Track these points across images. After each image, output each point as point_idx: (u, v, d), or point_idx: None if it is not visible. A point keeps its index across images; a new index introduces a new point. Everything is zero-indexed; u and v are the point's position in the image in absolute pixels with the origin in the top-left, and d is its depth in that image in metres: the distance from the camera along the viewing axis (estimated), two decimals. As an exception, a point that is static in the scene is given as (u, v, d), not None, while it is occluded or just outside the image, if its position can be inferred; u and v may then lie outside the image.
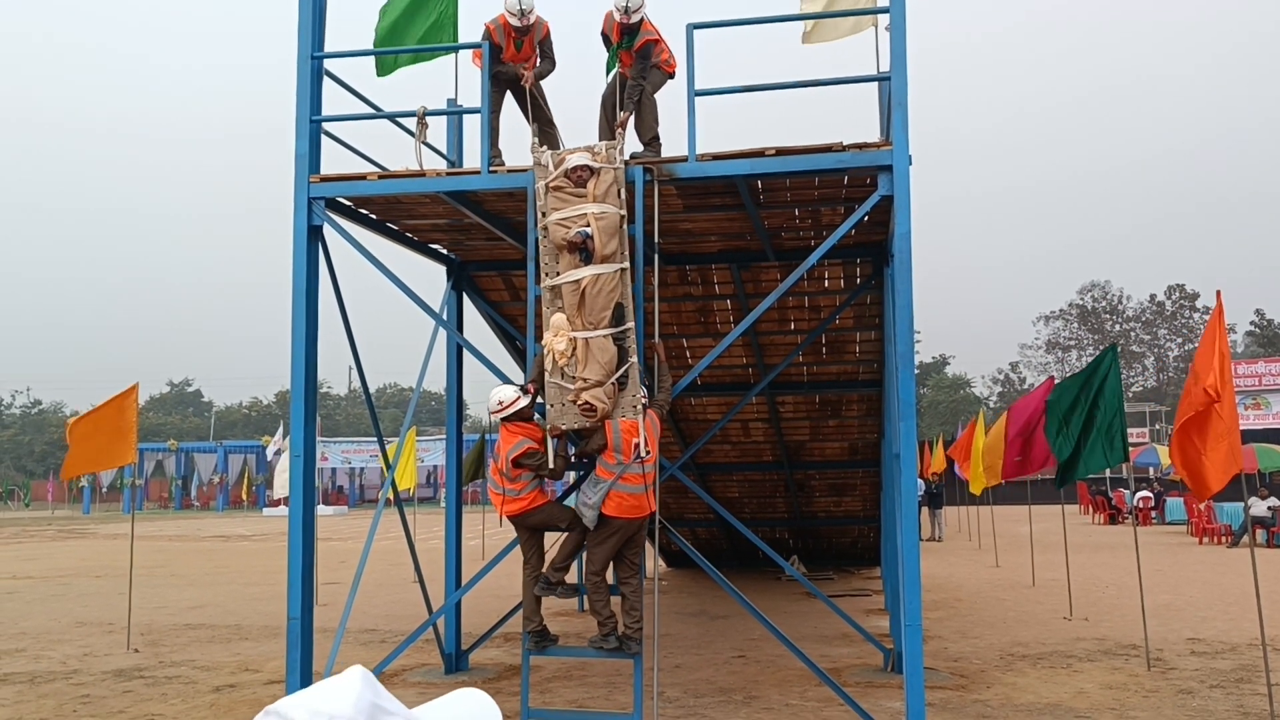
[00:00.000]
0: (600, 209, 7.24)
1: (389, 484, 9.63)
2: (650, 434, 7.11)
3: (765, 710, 8.41)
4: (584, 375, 7.08)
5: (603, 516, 7.07)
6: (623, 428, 7.07)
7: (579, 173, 7.37)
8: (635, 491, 7.03)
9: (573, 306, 7.21)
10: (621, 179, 7.45)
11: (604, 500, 7.02)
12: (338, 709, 1.21)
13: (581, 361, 7.11)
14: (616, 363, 7.14)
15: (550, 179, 7.45)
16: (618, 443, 7.02)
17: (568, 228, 7.22)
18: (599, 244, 7.15)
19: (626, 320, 7.26)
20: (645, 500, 7.10)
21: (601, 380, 7.05)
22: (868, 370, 12.75)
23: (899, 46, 7.15)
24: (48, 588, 18.25)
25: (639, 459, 7.00)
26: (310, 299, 8.00)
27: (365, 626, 12.82)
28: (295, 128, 8.00)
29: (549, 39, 8.55)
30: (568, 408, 7.22)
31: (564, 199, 7.36)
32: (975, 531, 27.27)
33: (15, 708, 8.73)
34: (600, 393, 7.02)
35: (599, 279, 7.16)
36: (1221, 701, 8.49)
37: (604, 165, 7.42)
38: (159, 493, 63.87)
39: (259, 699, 8.96)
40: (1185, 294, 79.06)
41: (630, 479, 7.01)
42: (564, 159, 7.48)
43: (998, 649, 10.97)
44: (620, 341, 7.20)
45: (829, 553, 18.31)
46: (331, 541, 28.06)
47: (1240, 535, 23.59)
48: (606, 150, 7.52)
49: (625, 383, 7.20)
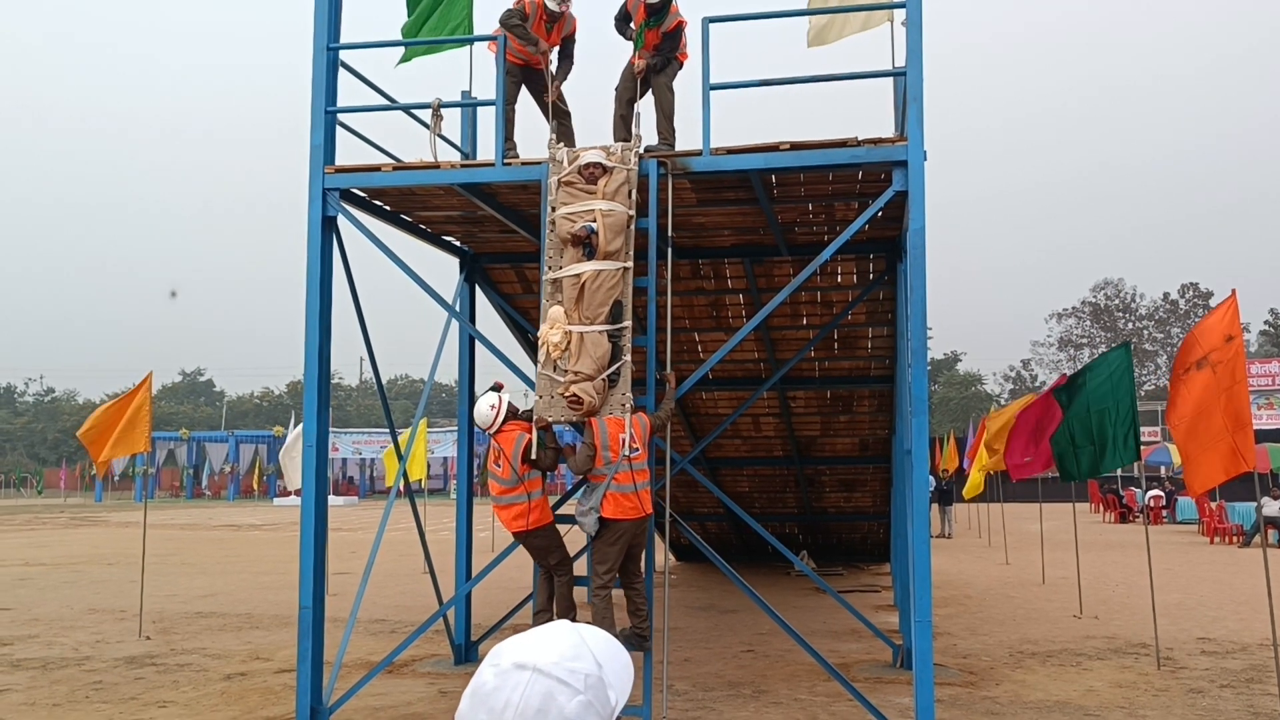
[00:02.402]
0: (609, 206, 7.23)
1: (400, 471, 9.67)
2: (638, 431, 7.05)
3: (774, 705, 8.42)
4: (576, 368, 7.05)
5: (604, 520, 7.01)
6: (609, 425, 7.02)
7: (591, 170, 7.35)
8: (627, 491, 6.96)
9: (571, 300, 7.19)
10: (633, 180, 7.41)
11: (602, 502, 6.95)
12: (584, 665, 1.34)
13: (575, 355, 7.09)
14: (609, 359, 7.11)
15: (563, 174, 7.45)
16: (605, 440, 6.96)
17: (574, 222, 7.21)
18: (603, 240, 7.13)
19: (624, 318, 7.23)
20: (639, 500, 7.02)
21: (592, 375, 7.01)
22: (879, 366, 12.73)
23: (915, 41, 7.12)
24: (60, 575, 18.36)
25: (625, 457, 6.95)
26: (324, 290, 8.02)
27: (376, 617, 12.87)
28: (310, 119, 8.01)
29: (573, 37, 8.54)
30: (556, 400, 7.21)
31: (574, 194, 7.35)
32: (985, 529, 27.22)
33: (28, 693, 8.79)
34: (590, 386, 6.98)
35: (600, 275, 7.13)
36: (1232, 701, 8.46)
37: (617, 165, 7.40)
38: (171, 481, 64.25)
39: (270, 687, 9.01)
40: (1199, 292, 78.69)
41: (620, 479, 6.95)
42: (578, 156, 7.46)
43: (1007, 646, 10.96)
44: (615, 339, 7.17)
45: (838, 548, 18.30)
46: (342, 532, 28.16)
47: (1252, 535, 23.49)
48: (621, 151, 7.49)
49: (616, 380, 7.17)
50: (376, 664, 8.60)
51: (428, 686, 9.17)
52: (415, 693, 8.93)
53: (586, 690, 1.30)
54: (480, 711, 1.29)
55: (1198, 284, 79.05)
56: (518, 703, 1.28)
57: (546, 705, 1.28)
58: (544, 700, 1.28)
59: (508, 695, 1.28)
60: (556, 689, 1.29)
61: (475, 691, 1.31)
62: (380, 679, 8.86)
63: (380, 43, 8.72)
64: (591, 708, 1.30)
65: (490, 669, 1.31)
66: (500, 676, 1.30)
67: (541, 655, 1.31)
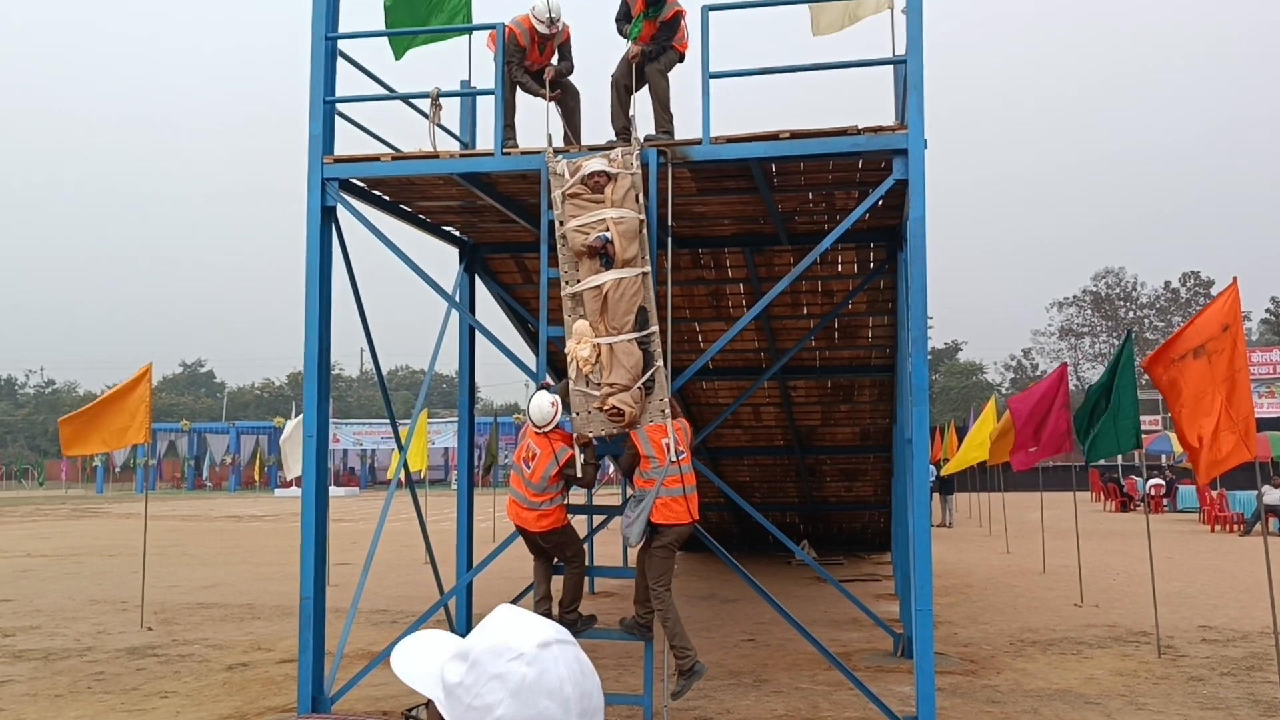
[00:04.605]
0: (619, 214, 7.13)
1: (401, 462, 9.67)
2: (681, 436, 7.02)
3: (775, 693, 8.43)
4: (610, 380, 6.96)
5: (653, 526, 6.94)
6: (649, 433, 6.97)
7: (596, 179, 7.23)
8: (676, 495, 6.92)
9: (595, 312, 7.09)
10: (639, 183, 7.32)
11: (651, 509, 6.87)
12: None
13: (607, 367, 6.99)
14: (642, 367, 7.03)
15: (567, 186, 7.32)
16: (649, 449, 6.92)
17: (586, 234, 7.10)
18: (619, 248, 7.04)
19: (650, 324, 7.14)
20: (688, 505, 6.98)
21: (628, 385, 6.93)
22: (880, 355, 12.72)
23: (915, 29, 7.09)
24: (62, 566, 18.39)
25: (673, 461, 6.89)
26: (324, 280, 8.00)
27: (377, 607, 12.88)
28: (309, 109, 7.98)
29: (569, 43, 8.50)
30: (594, 415, 7.09)
31: (582, 205, 7.24)
32: (986, 518, 27.24)
33: (30, 684, 8.80)
34: (627, 397, 6.89)
35: (621, 283, 7.05)
36: (1232, 689, 8.47)
37: (620, 170, 7.30)
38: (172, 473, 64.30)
39: (271, 677, 9.02)
40: (1200, 281, 78.65)
41: (670, 483, 6.89)
42: (580, 166, 7.33)
43: (1008, 635, 10.97)
44: (645, 345, 7.08)
45: (839, 538, 18.31)
46: (343, 522, 28.17)
47: (1253, 523, 23.50)
48: (623, 156, 7.38)
49: (651, 387, 7.09)
50: (378, 654, 8.61)
51: (429, 676, 9.18)
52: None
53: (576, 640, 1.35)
54: (539, 701, 1.25)
55: (1199, 272, 79.05)
56: (568, 674, 1.28)
57: (585, 665, 1.31)
58: (580, 662, 1.31)
59: (556, 672, 1.27)
60: (576, 649, 1.32)
61: (518, 690, 1.26)
62: (382, 669, 8.86)
63: (380, 32, 8.71)
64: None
65: (516, 663, 1.27)
66: (535, 663, 1.27)
67: (541, 630, 1.31)
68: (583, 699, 1.28)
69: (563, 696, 1.26)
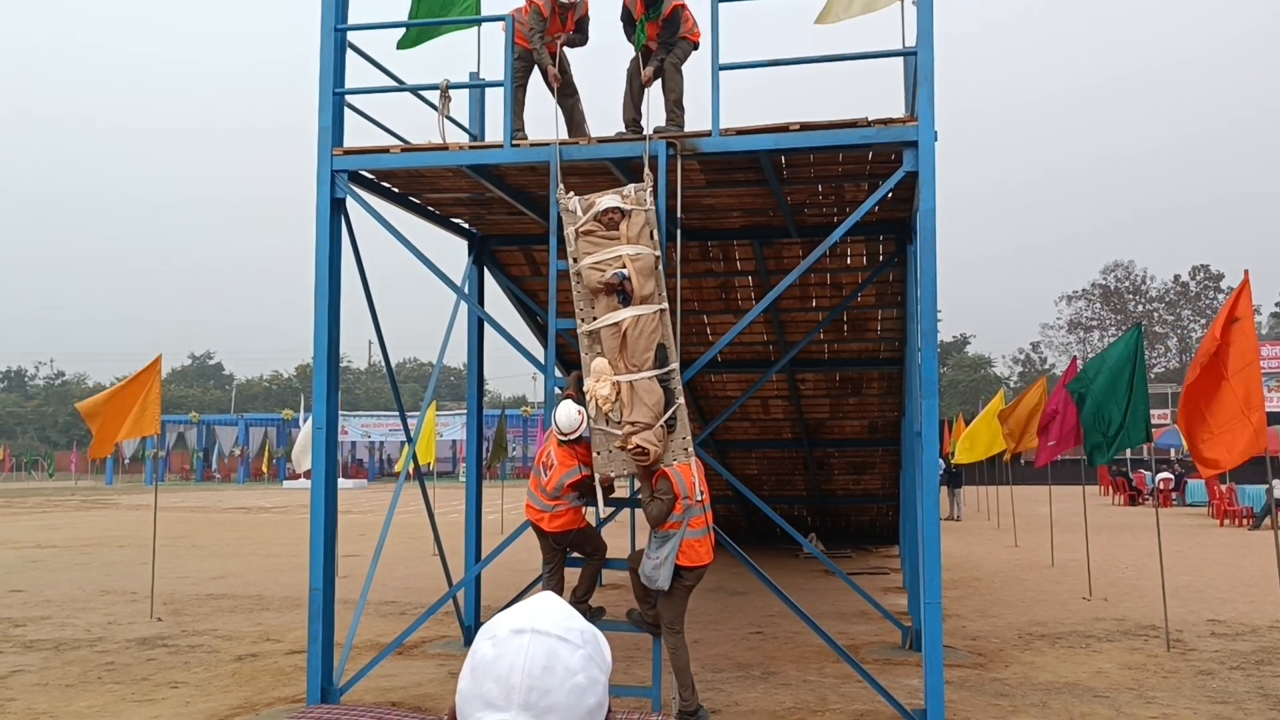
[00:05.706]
0: (635, 250, 7.02)
1: (410, 456, 9.68)
2: (700, 475, 6.97)
3: (783, 686, 8.44)
4: (631, 419, 6.84)
5: (679, 568, 6.84)
6: (682, 472, 6.84)
7: (610, 215, 7.13)
8: (701, 535, 6.86)
9: (614, 350, 6.99)
10: (653, 220, 7.21)
11: (677, 552, 6.78)
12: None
13: (628, 405, 6.88)
14: (664, 404, 6.93)
15: (580, 224, 7.22)
16: (684, 489, 6.79)
17: (603, 271, 7.01)
18: (636, 285, 6.94)
19: (671, 361, 7.04)
20: (709, 544, 6.94)
21: (650, 422, 6.81)
22: (889, 348, 12.71)
23: (925, 21, 7.06)
24: (72, 557, 18.46)
25: (698, 500, 6.84)
26: (333, 272, 8.00)
27: (385, 599, 12.91)
28: (318, 101, 7.97)
29: (587, 17, 8.50)
30: (615, 454, 6.96)
31: (595, 243, 7.13)
32: (994, 511, 27.21)
33: (41, 674, 8.85)
34: (651, 435, 6.76)
35: (640, 320, 6.95)
36: (1241, 683, 8.46)
37: (634, 207, 7.19)
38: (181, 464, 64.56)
39: (281, 668, 9.06)
40: (1210, 274, 78.38)
41: (695, 524, 6.83)
42: (593, 203, 7.22)
43: (1016, 628, 10.96)
44: (665, 382, 6.97)
45: (847, 531, 18.31)
46: (352, 514, 28.24)
47: (1262, 518, 23.45)
48: (636, 193, 7.27)
49: (674, 425, 6.99)
50: (387, 645, 8.63)
51: (438, 668, 9.21)
52: (425, 674, 8.96)
53: (585, 645, 1.32)
54: (485, 681, 1.28)
55: (1209, 266, 78.80)
56: (522, 664, 1.27)
57: (551, 662, 1.28)
58: (548, 658, 1.28)
59: (511, 659, 1.27)
60: (558, 646, 1.29)
61: (475, 666, 1.30)
62: (390, 660, 8.90)
63: (390, 23, 8.68)
64: (593, 661, 1.32)
65: (486, 641, 1.30)
66: (499, 645, 1.29)
67: (536, 619, 1.31)
68: (530, 692, 1.26)
69: (507, 684, 1.26)
